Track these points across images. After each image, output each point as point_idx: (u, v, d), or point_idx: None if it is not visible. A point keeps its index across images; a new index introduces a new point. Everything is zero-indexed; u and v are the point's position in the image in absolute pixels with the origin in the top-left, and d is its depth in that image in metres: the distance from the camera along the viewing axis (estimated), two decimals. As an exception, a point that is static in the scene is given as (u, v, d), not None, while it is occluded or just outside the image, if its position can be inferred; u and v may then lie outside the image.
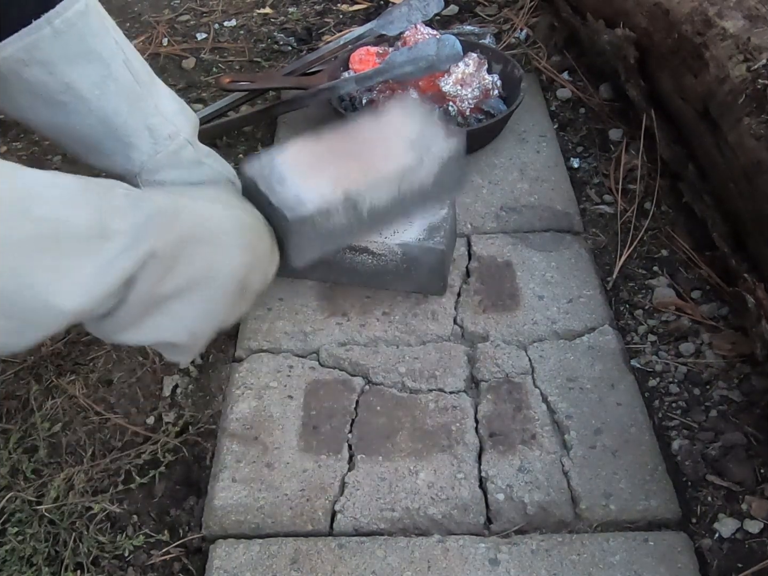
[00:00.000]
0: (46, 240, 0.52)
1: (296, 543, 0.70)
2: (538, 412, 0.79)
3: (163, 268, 0.58)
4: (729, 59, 0.91)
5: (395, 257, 0.88)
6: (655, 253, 0.99)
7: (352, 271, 0.90)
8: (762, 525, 0.71)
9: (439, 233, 0.88)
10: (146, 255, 0.56)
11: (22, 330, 0.54)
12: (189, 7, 1.58)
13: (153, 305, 0.61)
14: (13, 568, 0.71)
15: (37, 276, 0.51)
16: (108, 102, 0.72)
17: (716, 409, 0.81)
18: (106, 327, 0.60)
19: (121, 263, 0.55)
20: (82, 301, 0.53)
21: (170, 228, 0.59)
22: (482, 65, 1.15)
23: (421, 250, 0.87)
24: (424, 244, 0.87)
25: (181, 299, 0.62)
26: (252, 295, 0.70)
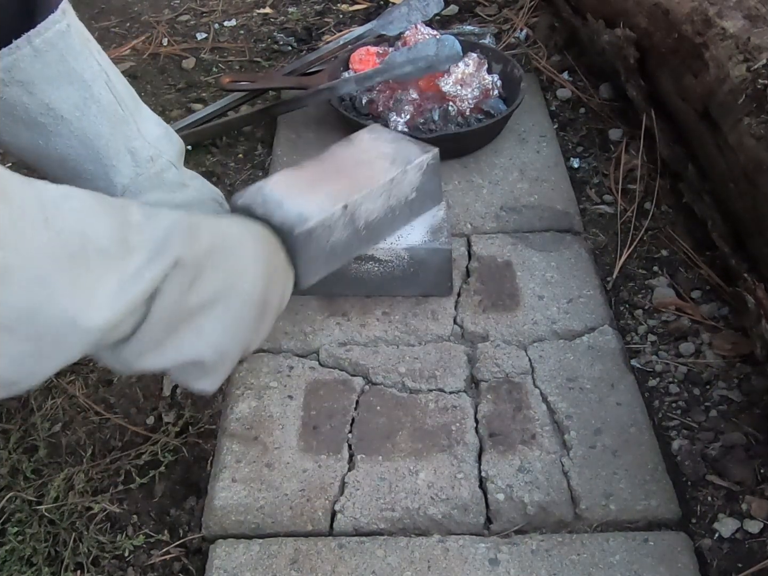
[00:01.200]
0: (68, 253, 0.49)
1: (296, 543, 0.70)
2: (538, 412, 0.79)
3: (188, 279, 0.57)
4: (729, 59, 0.91)
5: (402, 262, 0.88)
6: (655, 253, 0.99)
7: (358, 281, 0.90)
8: (762, 525, 0.71)
9: (442, 234, 0.89)
10: (170, 265, 0.54)
11: (45, 353, 0.49)
12: (189, 7, 1.58)
13: (177, 321, 0.58)
14: (13, 568, 0.71)
15: (59, 290, 0.48)
16: (89, 124, 0.71)
17: (716, 409, 0.81)
18: (126, 353, 0.56)
19: (146, 275, 0.53)
20: (107, 316, 0.50)
21: (192, 238, 0.57)
22: (482, 65, 1.15)
23: (427, 252, 0.88)
24: (431, 246, 0.88)
25: (206, 314, 0.60)
26: (273, 312, 0.68)
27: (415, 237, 0.88)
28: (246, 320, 0.64)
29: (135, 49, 1.45)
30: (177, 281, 0.56)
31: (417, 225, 0.89)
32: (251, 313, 0.64)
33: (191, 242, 0.57)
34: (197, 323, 0.59)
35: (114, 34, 1.50)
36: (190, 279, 0.57)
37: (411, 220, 0.88)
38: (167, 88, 1.35)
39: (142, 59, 1.42)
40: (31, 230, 0.47)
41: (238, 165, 1.18)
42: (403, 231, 0.88)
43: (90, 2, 1.60)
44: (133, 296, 0.52)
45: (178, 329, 0.58)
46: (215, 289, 0.60)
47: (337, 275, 0.84)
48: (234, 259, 0.62)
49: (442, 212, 0.91)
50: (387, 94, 1.13)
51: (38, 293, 0.47)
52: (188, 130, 1.17)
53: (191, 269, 0.57)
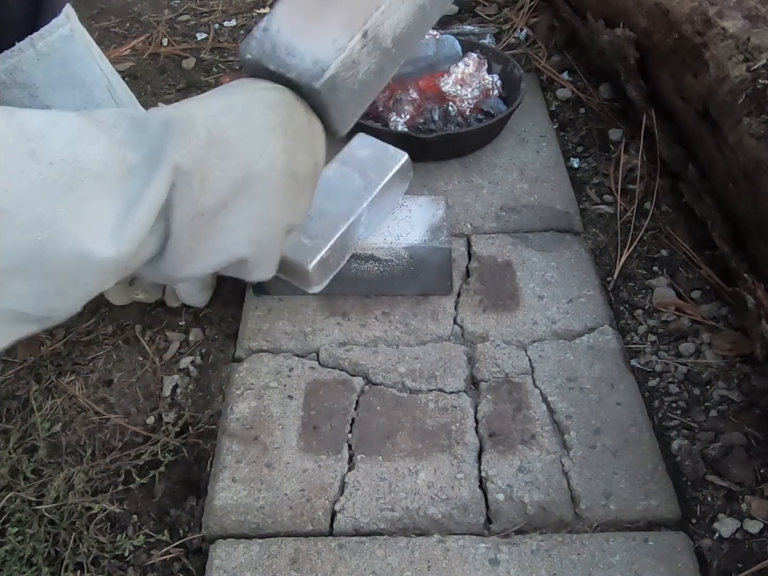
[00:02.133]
0: (63, 185, 0.46)
1: (296, 543, 0.70)
2: (538, 412, 0.79)
3: (196, 182, 0.52)
4: (729, 59, 0.91)
5: (402, 261, 0.88)
6: (655, 253, 0.99)
7: (358, 280, 0.90)
8: (762, 525, 0.71)
9: (442, 233, 0.89)
10: (172, 174, 0.50)
11: (64, 289, 0.48)
12: (189, 7, 1.58)
13: (202, 227, 0.54)
14: (13, 568, 0.71)
15: (61, 225, 0.45)
16: None
17: (716, 409, 0.81)
18: (165, 269, 0.54)
19: (149, 193, 0.49)
20: (119, 245, 0.48)
21: (188, 135, 0.52)
22: (482, 65, 1.15)
23: (427, 251, 0.88)
24: (431, 245, 0.88)
25: (230, 209, 0.55)
26: (307, 180, 0.62)
27: (415, 236, 0.88)
28: (276, 202, 0.59)
29: (135, 49, 1.45)
30: (185, 188, 0.51)
31: (417, 224, 0.89)
32: (279, 193, 0.59)
33: (186, 140, 0.52)
34: (224, 222, 0.55)
35: (114, 34, 1.50)
36: (198, 180, 0.52)
37: (445, 7, 0.73)
38: (167, 88, 1.35)
39: (142, 59, 1.42)
40: (18, 166, 0.44)
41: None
42: (402, 230, 0.88)
43: (90, 2, 1.59)
44: (140, 218, 0.49)
45: (209, 233, 0.55)
46: (231, 180, 0.55)
47: (337, 275, 0.84)
48: (243, 140, 0.56)
49: (441, 211, 0.91)
50: (387, 94, 1.13)
51: (41, 232, 0.45)
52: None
53: (196, 170, 0.52)
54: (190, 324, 0.93)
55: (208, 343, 0.91)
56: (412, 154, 1.08)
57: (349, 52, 0.63)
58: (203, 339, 0.91)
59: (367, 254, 0.88)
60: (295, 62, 0.62)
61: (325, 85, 0.62)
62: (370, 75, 0.66)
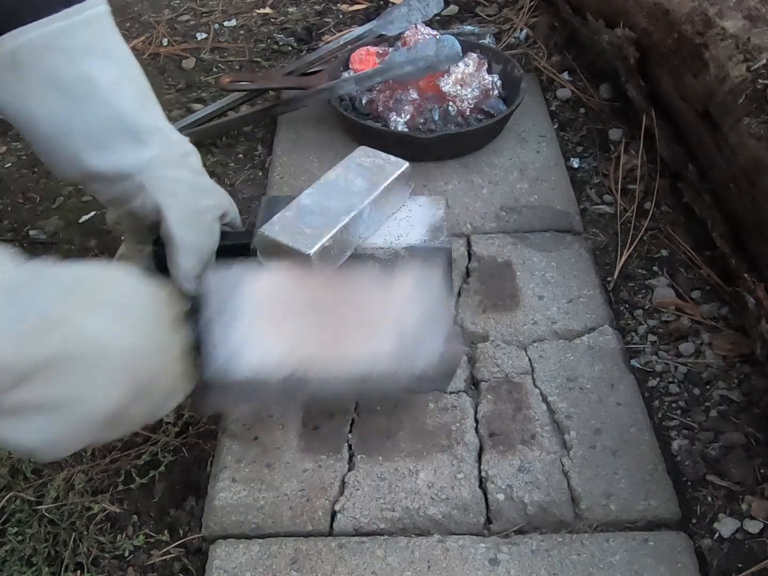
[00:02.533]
0: None
1: (296, 543, 0.70)
2: (538, 412, 0.79)
3: (11, 380, 0.50)
4: (729, 59, 0.91)
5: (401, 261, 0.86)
6: (655, 253, 0.99)
7: None
8: (762, 525, 0.71)
9: (442, 233, 0.86)
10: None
11: None
12: (189, 7, 1.58)
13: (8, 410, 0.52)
14: (13, 568, 0.71)
15: None
16: (124, 97, 0.72)
17: (716, 409, 0.81)
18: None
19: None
20: None
21: (40, 341, 0.51)
22: (482, 65, 1.15)
23: (427, 251, 0.85)
24: (429, 245, 0.85)
25: (42, 414, 0.53)
26: (128, 427, 0.60)
27: (415, 236, 0.86)
28: (86, 432, 0.56)
29: (135, 49, 1.44)
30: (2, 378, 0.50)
31: (417, 224, 0.88)
32: (93, 428, 0.56)
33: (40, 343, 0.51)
34: (31, 419, 0.53)
35: (114, 34, 1.49)
36: (12, 381, 0.50)
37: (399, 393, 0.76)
38: (167, 88, 1.35)
39: (142, 59, 1.41)
40: None
41: (238, 165, 1.17)
42: (403, 230, 0.87)
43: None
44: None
45: (8, 416, 0.52)
46: (54, 397, 0.53)
47: None
48: (87, 373, 0.53)
49: (441, 211, 0.89)
50: (387, 94, 1.13)
51: None
52: (188, 130, 1.17)
53: (15, 373, 0.50)
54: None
55: (208, 343, 0.91)
56: (412, 154, 1.08)
57: (265, 373, 0.62)
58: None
59: (367, 254, 0.85)
60: (220, 337, 0.61)
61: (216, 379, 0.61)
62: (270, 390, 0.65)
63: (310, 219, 0.80)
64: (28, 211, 1.12)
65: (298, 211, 0.80)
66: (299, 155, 1.14)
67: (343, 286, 0.71)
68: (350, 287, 0.70)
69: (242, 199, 1.10)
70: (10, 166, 1.20)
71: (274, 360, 0.62)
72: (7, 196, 1.14)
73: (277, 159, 1.14)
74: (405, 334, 0.66)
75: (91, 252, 1.03)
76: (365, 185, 0.83)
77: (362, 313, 0.68)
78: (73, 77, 0.70)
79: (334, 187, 0.84)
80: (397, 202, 0.87)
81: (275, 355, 0.63)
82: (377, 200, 0.83)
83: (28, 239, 1.06)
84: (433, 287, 0.71)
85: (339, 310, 0.67)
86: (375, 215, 0.84)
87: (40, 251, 1.04)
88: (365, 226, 0.83)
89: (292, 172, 1.11)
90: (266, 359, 0.62)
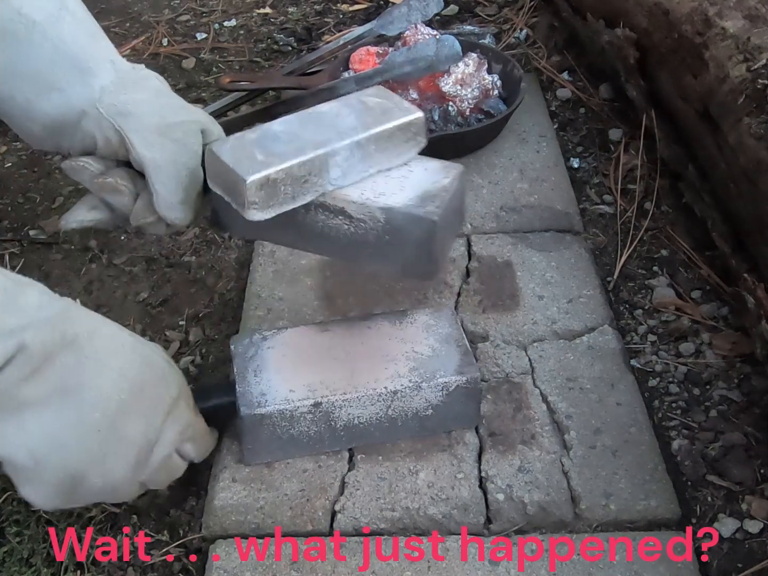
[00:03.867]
0: None
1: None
2: (538, 412, 0.79)
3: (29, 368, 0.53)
4: (729, 59, 0.91)
5: (376, 225, 0.70)
6: (655, 253, 0.99)
7: (324, 237, 0.72)
8: (762, 525, 0.71)
9: (433, 202, 0.69)
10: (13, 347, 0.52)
11: None
12: (189, 7, 1.58)
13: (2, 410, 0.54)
14: (12, 569, 0.71)
15: None
16: (64, 30, 0.68)
17: (716, 409, 0.81)
18: None
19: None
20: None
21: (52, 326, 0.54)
22: (482, 65, 1.15)
23: (407, 218, 0.69)
24: (412, 212, 0.69)
25: (37, 410, 0.55)
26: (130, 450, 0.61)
27: (399, 198, 0.70)
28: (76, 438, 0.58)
29: (135, 49, 1.45)
30: (17, 367, 0.53)
31: (409, 187, 0.72)
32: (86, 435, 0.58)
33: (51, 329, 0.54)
34: (23, 419, 0.55)
35: (114, 34, 1.49)
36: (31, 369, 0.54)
37: (425, 432, 0.77)
38: (167, 88, 1.35)
39: (142, 59, 1.41)
40: None
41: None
42: (388, 189, 0.71)
43: (90, 2, 1.59)
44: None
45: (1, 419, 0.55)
46: (57, 385, 0.56)
47: (300, 225, 0.72)
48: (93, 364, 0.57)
49: (447, 181, 0.73)
50: (387, 94, 1.13)
51: None
52: (188, 130, 1.17)
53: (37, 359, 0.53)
54: (190, 324, 0.93)
55: (208, 343, 0.91)
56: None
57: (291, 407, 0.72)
58: (203, 339, 0.91)
59: (338, 207, 0.70)
60: (249, 383, 0.74)
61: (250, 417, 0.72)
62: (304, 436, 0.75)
63: (270, 145, 0.68)
64: (28, 211, 1.12)
65: (262, 135, 0.70)
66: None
67: (355, 335, 0.79)
68: (362, 336, 0.79)
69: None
70: (10, 166, 1.20)
71: (300, 391, 0.73)
72: (7, 196, 1.14)
73: (277, 159, 1.14)
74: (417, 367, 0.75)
75: (91, 252, 1.04)
76: (356, 124, 0.71)
77: (376, 351, 0.77)
78: (6, 16, 0.65)
79: (319, 118, 0.72)
80: (395, 156, 0.73)
81: (301, 387, 0.73)
82: (364, 144, 0.70)
83: (28, 239, 1.06)
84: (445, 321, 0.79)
85: (354, 351, 0.77)
86: (358, 162, 0.71)
87: (40, 251, 1.05)
88: (341, 171, 0.70)
89: (292, 172, 1.11)
90: (293, 391, 0.73)
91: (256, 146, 0.68)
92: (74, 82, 0.68)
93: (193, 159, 0.70)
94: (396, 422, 0.75)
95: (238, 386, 0.73)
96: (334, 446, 0.75)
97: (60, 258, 1.03)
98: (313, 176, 0.68)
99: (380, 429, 0.75)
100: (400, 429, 0.75)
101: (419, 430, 0.76)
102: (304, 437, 0.74)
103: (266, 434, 0.73)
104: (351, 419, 0.74)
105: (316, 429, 0.74)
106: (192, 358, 0.89)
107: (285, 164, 0.66)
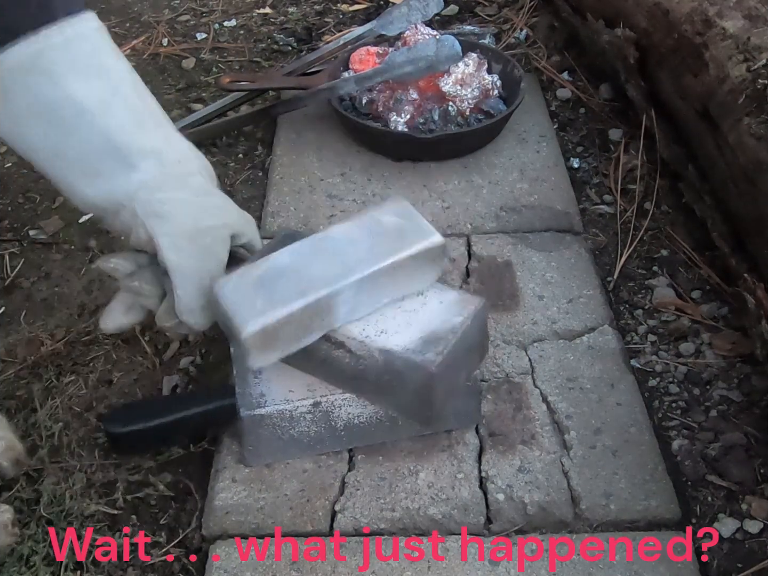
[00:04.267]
0: None
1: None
2: (538, 412, 0.79)
3: None
4: (729, 59, 0.91)
5: (375, 364, 0.68)
6: (655, 253, 0.99)
7: (327, 365, 0.71)
8: (762, 525, 0.71)
9: (436, 347, 0.66)
10: None
11: None
12: (189, 7, 1.58)
13: None
14: (12, 569, 0.71)
15: None
16: (112, 118, 0.68)
17: (716, 409, 0.81)
18: None
19: None
20: None
21: None
22: (482, 65, 1.15)
23: (405, 363, 0.66)
24: (410, 357, 0.66)
25: None
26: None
27: (402, 338, 0.67)
28: None
29: (135, 49, 1.45)
30: None
31: (415, 324, 0.68)
32: None
33: None
34: None
35: (114, 34, 1.48)
36: None
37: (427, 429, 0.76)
38: (167, 88, 1.35)
39: (142, 59, 1.42)
40: None
41: (238, 165, 1.18)
42: (392, 326, 0.68)
43: (90, 2, 1.59)
44: None
45: None
46: None
47: (307, 352, 0.69)
48: None
49: (460, 319, 0.68)
50: (387, 94, 1.13)
51: None
52: (188, 130, 1.17)
53: None
54: (189, 324, 0.93)
55: (208, 343, 0.91)
56: (412, 154, 1.08)
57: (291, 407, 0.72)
58: (203, 339, 0.91)
59: (339, 340, 0.68)
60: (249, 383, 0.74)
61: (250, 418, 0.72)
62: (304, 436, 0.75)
63: (274, 284, 0.66)
64: (28, 211, 1.12)
65: (267, 270, 0.68)
66: (299, 155, 1.14)
67: None
68: None
69: (242, 199, 1.10)
70: (10, 166, 1.20)
71: (299, 391, 0.73)
72: (7, 196, 1.14)
73: (277, 159, 1.14)
74: None
75: (90, 252, 1.03)
76: (370, 253, 0.67)
77: None
78: (57, 101, 0.66)
79: (330, 245, 0.69)
80: (412, 284, 0.69)
81: (300, 387, 0.73)
82: (375, 278, 0.67)
83: (28, 239, 1.06)
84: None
85: None
86: (370, 296, 0.68)
87: (40, 251, 1.05)
88: (349, 307, 0.67)
89: (292, 172, 1.11)
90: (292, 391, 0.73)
91: (259, 287, 0.66)
92: (117, 174, 0.69)
93: (217, 267, 0.71)
94: (396, 422, 0.75)
95: (237, 387, 0.74)
96: (334, 446, 0.76)
97: (60, 258, 1.03)
98: (318, 318, 0.66)
99: (380, 428, 0.75)
100: (400, 428, 0.75)
101: (419, 429, 0.76)
102: (305, 437, 0.74)
103: (267, 435, 0.73)
104: (351, 418, 0.74)
105: (316, 429, 0.74)
106: (192, 358, 0.89)
107: (286, 310, 0.65)
